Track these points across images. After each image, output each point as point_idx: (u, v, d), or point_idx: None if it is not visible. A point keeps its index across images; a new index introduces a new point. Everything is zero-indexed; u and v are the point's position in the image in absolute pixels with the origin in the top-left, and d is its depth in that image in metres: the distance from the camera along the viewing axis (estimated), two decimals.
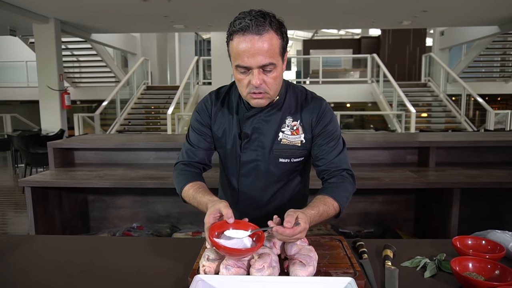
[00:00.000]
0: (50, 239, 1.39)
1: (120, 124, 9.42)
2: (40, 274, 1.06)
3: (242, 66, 1.01)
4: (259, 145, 1.17)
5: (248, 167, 1.20)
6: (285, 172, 1.20)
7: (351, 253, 1.08)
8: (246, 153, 1.18)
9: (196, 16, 7.36)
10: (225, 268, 0.91)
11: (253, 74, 1.01)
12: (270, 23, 0.99)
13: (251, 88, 1.03)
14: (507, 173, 2.33)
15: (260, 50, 0.98)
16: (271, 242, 1.05)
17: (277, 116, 1.15)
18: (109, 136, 3.22)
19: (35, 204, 2.27)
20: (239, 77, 1.04)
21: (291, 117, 1.16)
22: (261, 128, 1.15)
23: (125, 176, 2.33)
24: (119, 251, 1.23)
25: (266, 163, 1.18)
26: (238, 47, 0.99)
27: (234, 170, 1.23)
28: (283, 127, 1.15)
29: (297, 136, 1.15)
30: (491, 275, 0.93)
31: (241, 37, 0.98)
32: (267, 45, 0.98)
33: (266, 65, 1.00)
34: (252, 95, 1.05)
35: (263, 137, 1.16)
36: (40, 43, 7.07)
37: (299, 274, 0.91)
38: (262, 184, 1.22)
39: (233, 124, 1.18)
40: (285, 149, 1.16)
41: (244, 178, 1.22)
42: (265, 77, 1.02)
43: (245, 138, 1.16)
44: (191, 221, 2.69)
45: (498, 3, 6.33)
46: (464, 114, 9.11)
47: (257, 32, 0.97)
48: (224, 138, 1.20)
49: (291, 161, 1.18)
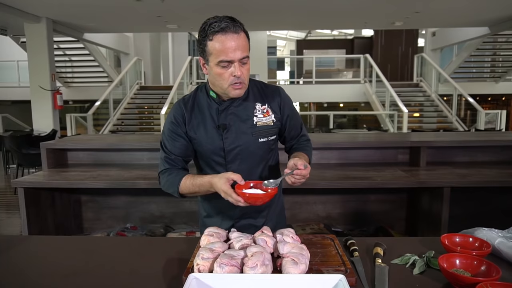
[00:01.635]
0: (43, 240, 1.39)
1: (113, 124, 9.36)
2: (33, 275, 1.07)
3: (226, 60, 1.17)
4: (238, 131, 1.30)
5: (233, 153, 1.31)
6: (265, 150, 1.35)
7: (342, 251, 1.10)
8: (228, 141, 1.29)
9: (189, 16, 7.34)
10: (219, 267, 0.93)
11: (235, 67, 1.18)
12: (240, 25, 1.19)
13: (232, 80, 1.19)
14: (495, 172, 2.37)
15: (239, 46, 1.17)
16: (264, 241, 1.06)
17: (246, 104, 1.31)
18: (102, 136, 3.21)
19: (28, 205, 2.26)
20: (220, 72, 1.19)
21: (259, 103, 1.33)
22: (236, 116, 1.30)
23: (118, 177, 2.33)
24: (113, 251, 1.24)
25: (248, 146, 1.31)
26: (222, 44, 1.15)
27: (219, 161, 1.33)
28: (255, 112, 1.31)
29: (269, 117, 1.32)
30: (478, 271, 0.96)
31: (223, 36, 1.15)
32: (242, 42, 1.18)
33: (244, 57, 1.18)
34: (234, 85, 1.20)
35: (240, 124, 1.30)
36: (31, 42, 7.00)
37: (291, 272, 0.93)
38: (247, 166, 1.33)
39: (209, 120, 1.30)
40: (262, 130, 1.31)
41: (231, 165, 1.32)
42: (242, 68, 1.20)
43: (224, 129, 1.29)
44: (185, 221, 2.70)
45: (488, 4, 6.42)
46: (455, 114, 9.22)
47: (235, 31, 1.16)
48: (204, 135, 1.30)
49: (268, 139, 1.33)
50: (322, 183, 2.18)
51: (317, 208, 2.65)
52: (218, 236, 1.13)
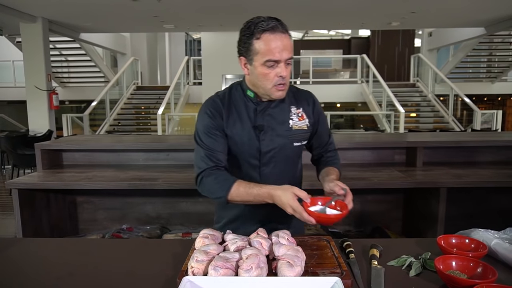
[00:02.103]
0: (37, 242, 1.38)
1: (110, 125, 9.34)
2: (28, 277, 1.05)
3: (273, 60, 1.15)
4: (275, 134, 1.27)
5: (268, 156, 1.28)
6: (297, 154, 1.36)
7: (338, 253, 1.10)
8: (264, 143, 1.26)
9: (186, 16, 7.33)
10: (213, 269, 0.92)
11: (281, 67, 1.16)
12: (286, 26, 1.18)
13: (277, 81, 1.18)
14: (492, 172, 2.38)
15: (287, 46, 1.16)
16: (259, 243, 1.06)
17: (282, 107, 1.29)
18: (98, 137, 3.19)
19: (23, 206, 2.24)
20: (265, 72, 1.17)
21: (294, 106, 1.31)
22: (273, 118, 1.27)
23: (114, 178, 2.31)
24: (107, 254, 1.22)
25: (283, 149, 1.29)
26: (270, 44, 1.14)
27: (253, 163, 1.29)
28: (291, 115, 1.30)
29: (304, 121, 1.31)
30: (474, 273, 0.96)
31: (271, 35, 1.14)
32: (289, 42, 1.17)
33: (289, 58, 1.17)
34: (278, 87, 1.19)
35: (277, 126, 1.27)
36: (27, 42, 6.96)
37: (286, 275, 0.92)
38: (279, 170, 1.31)
39: (246, 119, 1.26)
40: (297, 134, 1.30)
41: (264, 167, 1.29)
42: (286, 70, 1.19)
43: (261, 130, 1.26)
44: (181, 222, 2.68)
45: (484, 5, 6.44)
46: (451, 114, 9.26)
47: (283, 32, 1.16)
48: (241, 135, 1.26)
49: (301, 143, 1.32)
50: (319, 184, 2.17)
51: None
52: (213, 238, 1.12)
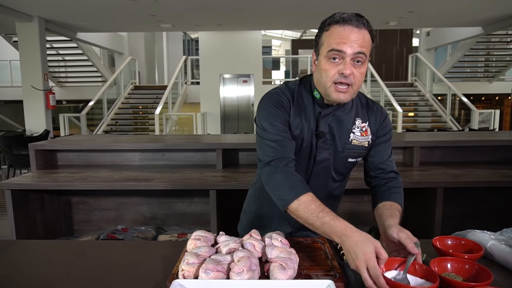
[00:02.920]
0: (32, 244, 1.36)
1: (107, 125, 9.30)
2: (21, 279, 1.03)
3: (337, 49, 1.02)
4: (332, 145, 1.17)
5: (321, 166, 1.19)
6: (349, 170, 1.25)
7: (332, 255, 1.08)
8: (321, 152, 1.17)
9: (183, 15, 7.30)
10: (204, 272, 0.90)
11: (345, 63, 1.03)
12: (366, 22, 1.05)
13: (337, 78, 1.04)
14: (489, 172, 2.37)
15: (356, 40, 1.02)
16: (252, 245, 1.04)
17: (348, 117, 1.17)
18: (93, 137, 3.17)
19: (16, 208, 2.22)
20: (327, 66, 1.05)
21: (360, 118, 1.18)
22: (335, 127, 1.16)
23: (108, 178, 2.29)
24: (101, 255, 1.20)
25: (336, 162, 1.20)
26: (337, 33, 1.03)
27: (304, 169, 1.19)
28: (354, 128, 1.18)
29: (366, 137, 1.19)
30: (470, 275, 0.94)
31: (341, 26, 1.03)
32: (362, 38, 1.03)
33: (359, 53, 1.02)
34: (337, 86, 1.05)
35: (336, 136, 1.17)
36: (23, 42, 6.93)
37: (279, 277, 0.90)
38: (326, 183, 1.23)
39: (309, 122, 1.15)
40: (355, 150, 1.19)
41: (314, 177, 1.21)
42: (354, 70, 1.04)
43: (322, 137, 1.15)
44: (177, 222, 2.67)
45: (481, 5, 6.44)
46: (449, 114, 9.26)
47: (356, 25, 1.03)
48: (300, 136, 1.15)
49: (356, 160, 1.22)
50: None
51: None
52: (205, 240, 1.10)
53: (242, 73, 10.18)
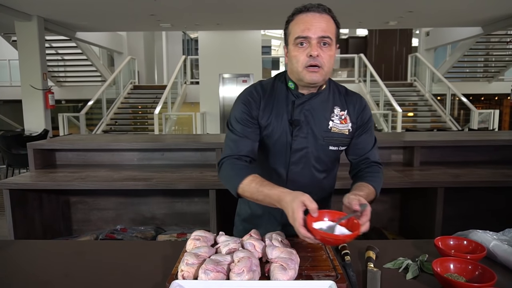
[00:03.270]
0: (30, 243, 1.34)
1: (106, 124, 9.28)
2: (20, 279, 1.02)
3: (302, 36, 1.09)
4: (310, 133, 1.19)
5: (299, 154, 1.20)
6: (332, 159, 1.25)
7: (333, 255, 1.07)
8: (297, 140, 1.19)
9: (183, 15, 7.28)
10: (204, 273, 0.89)
11: (311, 46, 1.09)
12: (329, 10, 1.13)
13: (307, 61, 1.10)
14: (489, 172, 2.36)
15: (319, 24, 1.09)
16: (252, 246, 1.03)
17: (325, 105, 1.20)
18: (92, 136, 3.16)
19: (14, 207, 2.20)
20: (296, 53, 1.11)
21: (338, 107, 1.22)
22: (311, 115, 1.19)
23: (107, 178, 2.28)
24: (97, 256, 1.19)
25: (316, 151, 1.20)
26: (301, 21, 1.10)
27: (282, 159, 1.22)
28: (332, 116, 1.20)
29: (346, 125, 1.21)
30: (472, 276, 0.93)
31: (304, 14, 1.11)
32: (325, 22, 1.10)
33: (324, 37, 1.09)
34: (309, 68, 1.10)
35: (314, 124, 1.19)
36: (22, 41, 6.90)
37: (279, 278, 0.89)
38: (309, 173, 1.23)
39: (283, 112, 1.19)
40: (335, 137, 1.20)
41: (294, 166, 1.22)
42: (322, 52, 1.10)
43: (297, 126, 1.18)
44: (176, 222, 2.65)
45: (481, 5, 6.44)
46: (449, 114, 9.26)
47: (318, 12, 1.11)
48: (273, 127, 1.19)
49: (339, 149, 1.23)
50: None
51: None
52: (205, 240, 1.09)
53: (242, 73, 10.16)
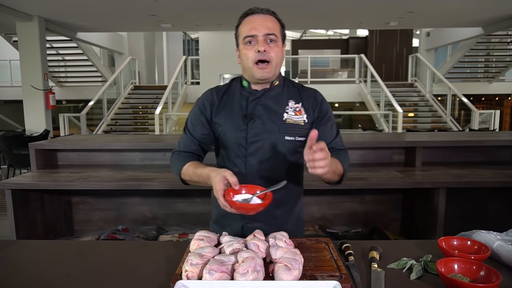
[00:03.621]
0: (32, 244, 1.35)
1: (107, 124, 9.29)
2: (21, 280, 1.02)
3: (249, 35, 1.19)
4: (265, 125, 1.24)
5: (255, 146, 1.24)
6: (290, 151, 1.26)
7: (337, 256, 1.07)
8: (251, 132, 1.24)
9: (183, 15, 7.29)
10: (208, 273, 0.89)
11: (259, 43, 1.18)
12: (273, 13, 1.24)
13: (256, 57, 1.18)
14: (491, 172, 2.36)
15: (265, 23, 1.19)
16: (256, 246, 1.03)
17: (278, 99, 1.27)
18: (93, 136, 3.16)
19: (16, 207, 2.20)
20: (246, 51, 1.20)
21: (293, 100, 1.28)
22: (266, 109, 1.25)
23: (109, 178, 2.28)
24: (100, 257, 1.19)
25: (272, 142, 1.24)
26: (247, 22, 1.21)
27: (240, 152, 1.26)
28: (287, 109, 1.26)
29: (300, 116, 1.26)
30: (477, 276, 0.93)
31: (250, 17, 1.22)
32: (270, 22, 1.21)
33: (269, 34, 1.19)
34: (258, 64, 1.19)
35: (268, 117, 1.24)
36: (23, 41, 6.91)
37: (284, 278, 0.89)
38: (268, 165, 1.25)
39: (237, 108, 1.26)
40: (290, 128, 1.25)
41: (251, 158, 1.25)
42: (269, 47, 1.19)
43: (251, 119, 1.24)
44: (177, 222, 2.65)
45: (481, 5, 6.44)
46: (449, 114, 9.25)
47: (263, 13, 1.22)
48: (229, 123, 1.26)
49: (295, 139, 1.25)
50: (317, 184, 2.14)
51: (312, 209, 2.62)
52: (208, 240, 1.09)
53: None
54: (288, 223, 1.33)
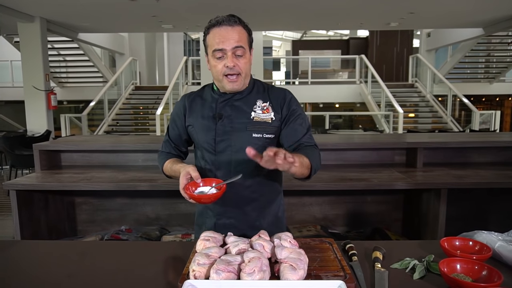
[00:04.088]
0: (36, 244, 1.36)
1: (108, 125, 9.30)
2: (25, 280, 1.04)
3: (218, 49, 1.22)
4: (233, 124, 1.30)
5: (224, 144, 1.31)
6: (259, 148, 1.26)
7: (341, 256, 1.08)
8: (220, 130, 1.31)
9: (184, 16, 7.31)
10: (215, 273, 0.90)
11: (228, 58, 1.22)
12: (239, 19, 1.25)
13: (225, 71, 1.24)
14: (491, 173, 2.37)
15: (232, 37, 1.22)
16: (261, 246, 1.04)
17: (247, 99, 1.33)
18: (97, 137, 3.17)
19: (21, 208, 2.22)
20: (215, 63, 1.25)
21: (260, 100, 1.34)
22: (235, 109, 1.31)
23: (113, 179, 2.30)
24: (106, 256, 1.21)
25: (240, 139, 1.29)
26: (215, 36, 1.22)
27: (210, 149, 1.33)
28: (255, 108, 1.32)
29: (268, 114, 1.32)
30: (479, 276, 0.95)
31: (217, 28, 1.23)
32: (237, 34, 1.23)
33: (237, 47, 1.22)
34: (228, 77, 1.25)
35: (235, 117, 1.31)
36: (25, 42, 6.93)
37: (289, 278, 0.91)
38: (237, 162, 1.31)
39: (208, 109, 1.34)
40: (257, 125, 1.30)
41: (220, 155, 1.32)
42: (237, 60, 1.24)
43: (219, 118, 1.31)
44: (180, 223, 2.67)
45: (482, 6, 6.45)
46: (450, 115, 9.26)
47: (230, 24, 1.23)
48: (200, 123, 1.34)
49: (263, 136, 1.31)
50: (319, 185, 2.17)
51: (314, 209, 2.64)
52: (214, 241, 1.11)
53: None
54: (262, 220, 1.37)
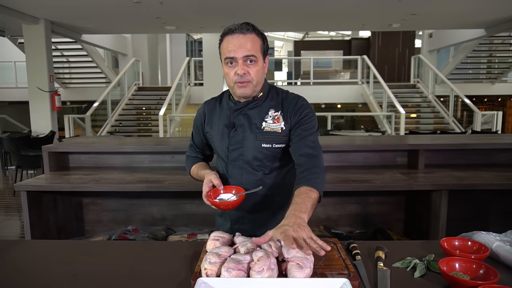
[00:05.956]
0: (44, 243, 1.41)
1: (111, 125, 9.37)
2: (33, 278, 1.08)
3: (229, 57, 1.24)
4: (245, 133, 1.34)
5: (236, 153, 1.36)
6: (269, 157, 1.35)
7: (345, 255, 1.13)
8: (233, 140, 1.35)
9: (188, 17, 7.36)
10: (226, 271, 0.95)
11: (238, 65, 1.24)
12: (253, 27, 1.27)
13: (236, 79, 1.26)
14: (492, 174, 2.41)
15: (244, 45, 1.23)
16: (269, 246, 1.09)
17: (261, 109, 1.35)
18: (104, 139, 3.22)
19: (30, 208, 2.27)
20: (227, 71, 1.28)
21: (273, 109, 1.35)
22: (247, 119, 1.34)
23: (121, 180, 2.35)
24: (117, 255, 1.26)
25: (251, 149, 1.34)
26: (228, 44, 1.25)
27: (224, 158, 1.40)
28: (266, 117, 1.34)
29: (278, 124, 1.33)
30: (476, 275, 1.00)
31: (230, 36, 1.25)
32: (250, 42, 1.24)
33: (248, 56, 1.24)
34: (238, 84, 1.27)
35: (248, 126, 1.34)
36: (29, 44, 7.00)
37: (296, 276, 0.96)
38: (247, 171, 1.36)
39: (223, 118, 1.38)
40: (267, 135, 1.33)
41: (232, 163, 1.37)
42: (248, 68, 1.25)
43: (232, 127, 1.35)
44: (186, 223, 2.72)
45: (484, 7, 6.48)
46: (452, 115, 9.29)
47: (242, 32, 1.24)
48: (216, 131, 1.40)
49: (272, 146, 1.33)
50: None
51: (317, 210, 2.66)
52: (223, 241, 1.16)
53: None
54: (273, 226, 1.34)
